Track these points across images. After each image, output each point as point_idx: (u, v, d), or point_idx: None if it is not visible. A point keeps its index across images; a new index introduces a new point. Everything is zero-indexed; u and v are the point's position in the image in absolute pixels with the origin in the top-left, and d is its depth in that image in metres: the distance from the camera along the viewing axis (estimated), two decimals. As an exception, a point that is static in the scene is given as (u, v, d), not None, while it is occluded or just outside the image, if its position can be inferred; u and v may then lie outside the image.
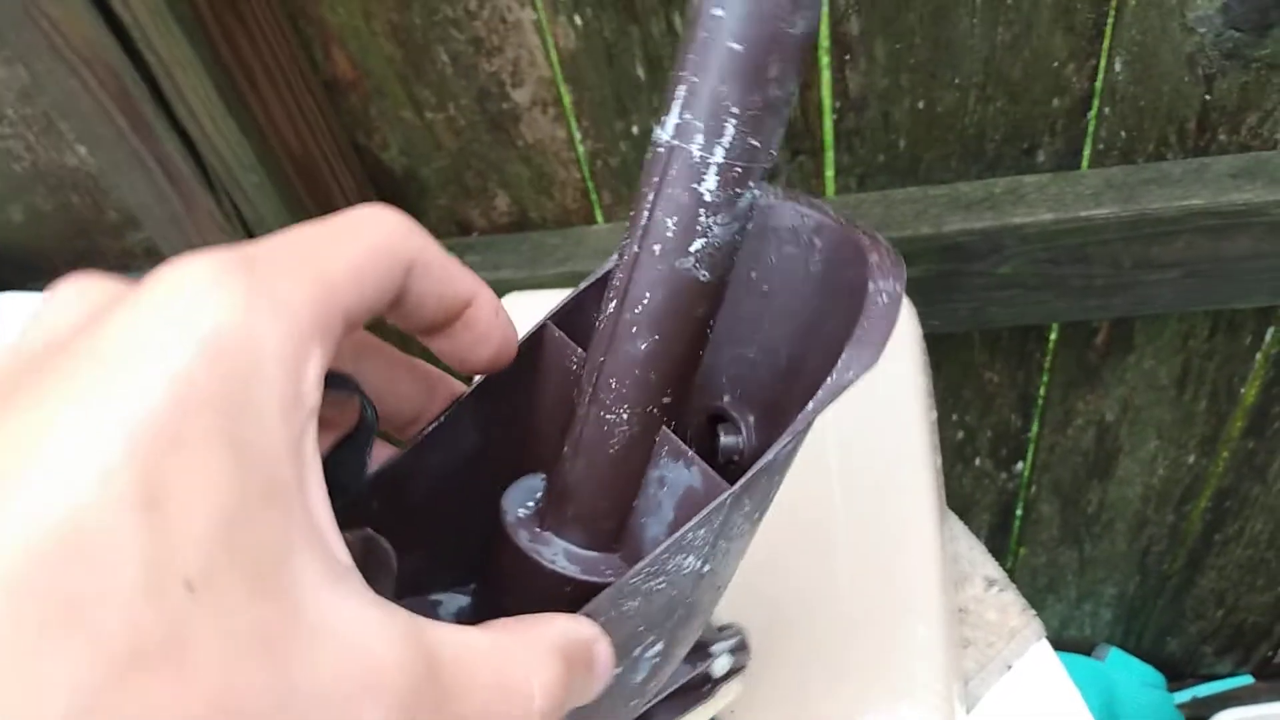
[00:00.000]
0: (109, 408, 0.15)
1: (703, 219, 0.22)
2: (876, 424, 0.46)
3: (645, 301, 0.23)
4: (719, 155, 0.21)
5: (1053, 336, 0.73)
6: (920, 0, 0.55)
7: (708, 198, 0.22)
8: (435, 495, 0.26)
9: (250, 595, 0.15)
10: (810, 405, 0.22)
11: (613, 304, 0.23)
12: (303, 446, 0.17)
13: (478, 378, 0.26)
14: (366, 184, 0.63)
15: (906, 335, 0.49)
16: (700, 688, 0.33)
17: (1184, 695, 1.11)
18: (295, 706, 0.15)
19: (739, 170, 0.22)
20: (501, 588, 0.25)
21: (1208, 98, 0.58)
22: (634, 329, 0.23)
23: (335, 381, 0.21)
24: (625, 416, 0.24)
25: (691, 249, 0.22)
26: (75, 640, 0.13)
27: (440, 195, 0.66)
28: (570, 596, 0.22)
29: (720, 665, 0.33)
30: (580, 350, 0.26)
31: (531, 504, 0.26)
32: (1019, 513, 0.91)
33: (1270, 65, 0.56)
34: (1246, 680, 1.12)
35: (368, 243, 0.19)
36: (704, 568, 0.23)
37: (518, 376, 0.27)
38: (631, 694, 0.25)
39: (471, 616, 0.27)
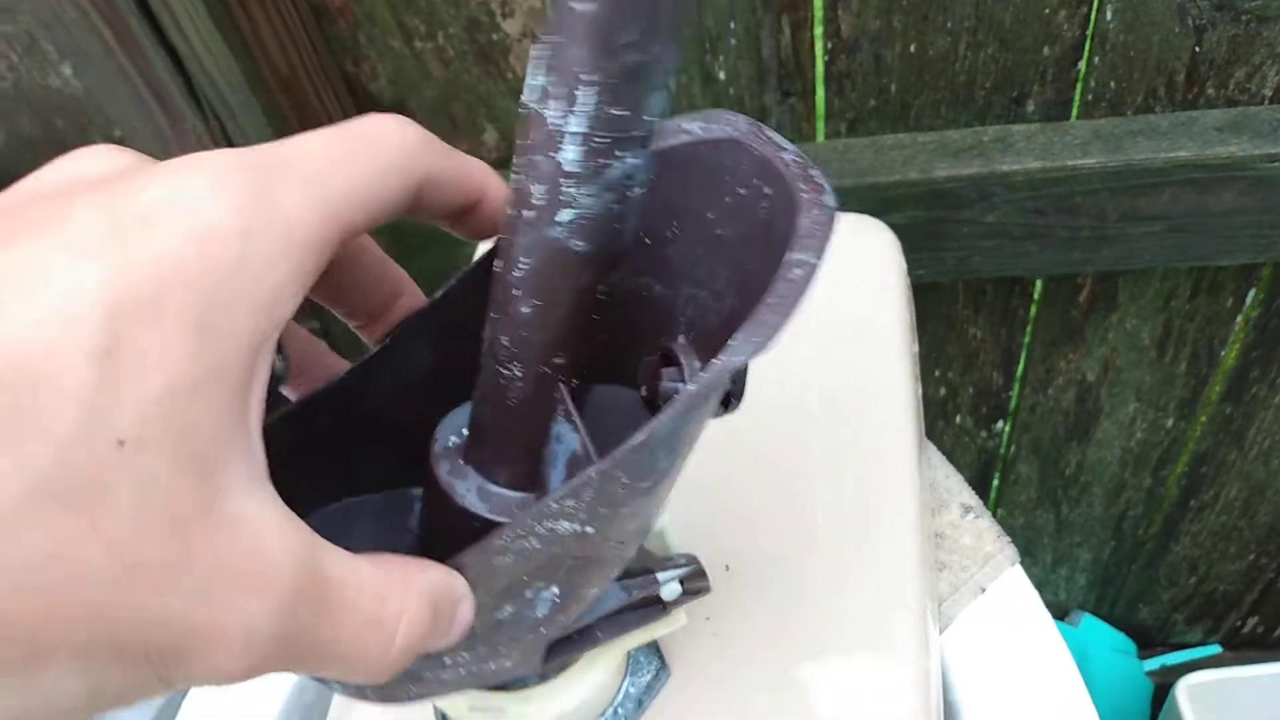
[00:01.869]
0: (95, 260, 0.15)
1: (566, 189, 0.20)
2: (860, 352, 0.46)
3: (525, 266, 0.22)
4: (575, 124, 0.20)
5: (1037, 293, 0.73)
6: (915, -61, 0.55)
7: (568, 167, 0.20)
8: (387, 410, 0.26)
9: (174, 468, 0.16)
10: (691, 386, 0.21)
11: (499, 264, 0.22)
12: (260, 351, 0.18)
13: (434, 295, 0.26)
14: (353, 111, 0.63)
15: (891, 267, 0.49)
16: (651, 607, 0.33)
17: (1153, 663, 1.12)
18: (187, 578, 0.16)
19: (601, 140, 0.20)
20: (424, 510, 0.25)
21: (1197, 49, 0.58)
22: (516, 291, 0.22)
23: None
24: (519, 373, 0.23)
25: (559, 219, 0.21)
26: (2, 459, 0.14)
27: (427, 128, 0.65)
28: (478, 532, 0.22)
29: (670, 590, 0.33)
30: None
31: (465, 433, 0.26)
32: (998, 473, 0.92)
33: (1260, 18, 0.57)
34: (1215, 650, 1.14)
35: (380, 162, 0.20)
36: (585, 529, 0.22)
37: (473, 298, 0.26)
38: (533, 625, 0.25)
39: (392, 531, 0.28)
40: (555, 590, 0.24)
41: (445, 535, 0.25)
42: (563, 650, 0.30)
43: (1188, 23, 0.57)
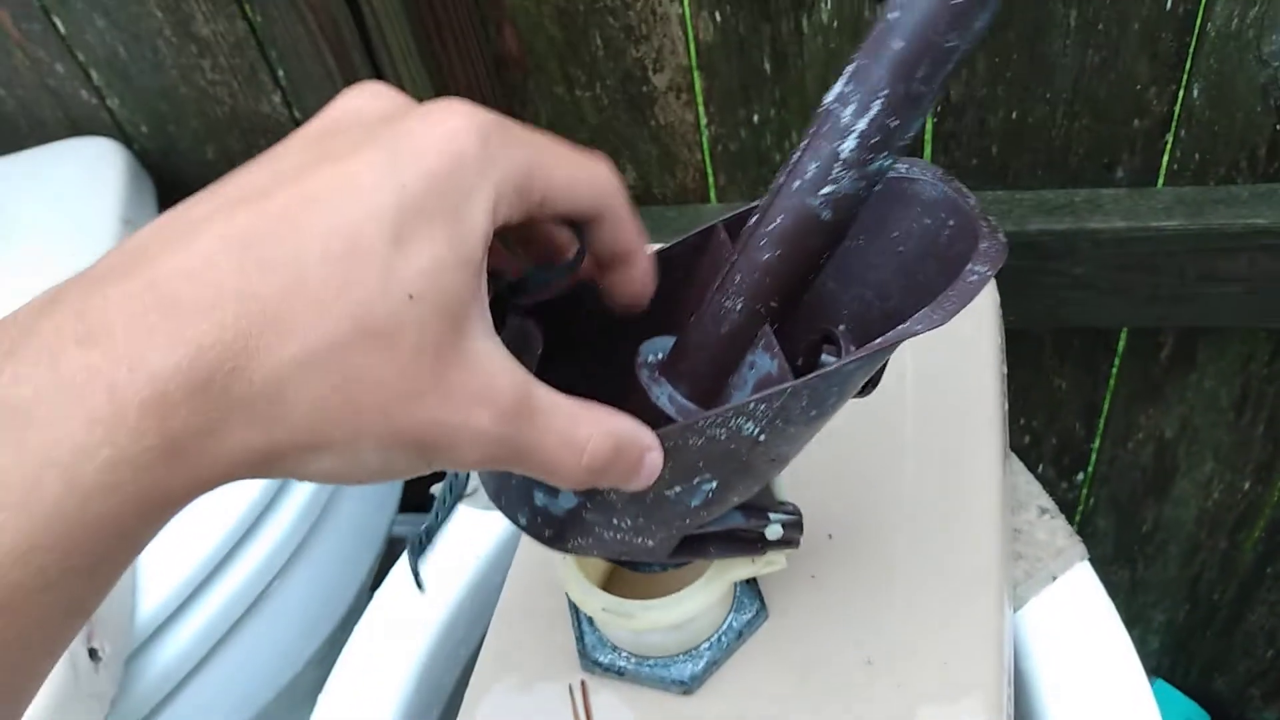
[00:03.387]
0: (392, 175, 0.23)
1: (836, 171, 0.28)
2: (955, 368, 0.53)
3: (777, 222, 0.29)
4: (862, 125, 0.27)
5: (1121, 347, 0.79)
6: (1019, 20, 0.62)
7: (844, 155, 0.27)
8: (600, 320, 0.34)
9: (438, 316, 0.24)
10: (878, 340, 0.28)
11: (754, 219, 0.30)
12: (484, 243, 0.25)
13: (657, 247, 0.34)
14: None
15: (985, 293, 0.56)
16: (754, 542, 0.40)
17: (1228, 738, 1.13)
18: (439, 389, 0.24)
19: (875, 141, 0.27)
20: (623, 410, 0.33)
21: (1278, 127, 0.64)
22: (763, 241, 0.29)
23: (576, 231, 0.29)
24: (739, 307, 0.31)
25: (822, 192, 0.28)
26: (332, 309, 0.22)
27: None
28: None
29: (773, 531, 0.39)
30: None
31: (661, 355, 0.34)
32: (1076, 526, 0.96)
33: (1337, 101, 0.62)
34: (1292, 729, 1.14)
35: (583, 175, 0.28)
36: (760, 436, 0.29)
37: (684, 257, 0.34)
38: (685, 511, 0.33)
39: None
40: (714, 485, 0.31)
41: None
42: (685, 550, 0.37)
43: (1270, 102, 0.63)
